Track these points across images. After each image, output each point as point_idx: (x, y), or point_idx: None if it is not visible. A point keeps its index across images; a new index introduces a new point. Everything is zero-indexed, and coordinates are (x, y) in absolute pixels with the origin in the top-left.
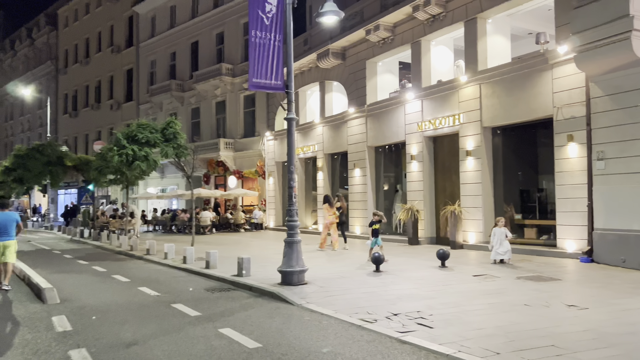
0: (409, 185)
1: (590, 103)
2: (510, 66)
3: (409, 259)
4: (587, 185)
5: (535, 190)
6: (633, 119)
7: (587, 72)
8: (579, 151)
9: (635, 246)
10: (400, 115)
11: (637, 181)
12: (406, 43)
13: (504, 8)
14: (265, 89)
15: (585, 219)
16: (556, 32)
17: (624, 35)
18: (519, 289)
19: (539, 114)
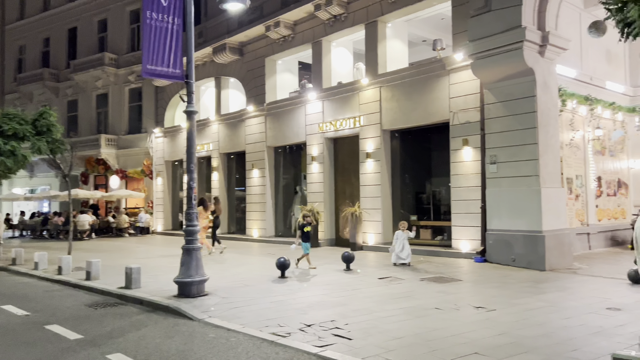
0: (309, 186)
1: (484, 109)
2: (410, 70)
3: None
4: (480, 187)
5: (432, 192)
6: (523, 125)
7: (482, 79)
8: (474, 155)
9: (524, 246)
10: (301, 116)
11: (526, 184)
12: (307, 42)
13: (403, 13)
14: (161, 78)
15: (478, 220)
16: (453, 39)
17: (516, 45)
18: (425, 291)
19: (436, 118)
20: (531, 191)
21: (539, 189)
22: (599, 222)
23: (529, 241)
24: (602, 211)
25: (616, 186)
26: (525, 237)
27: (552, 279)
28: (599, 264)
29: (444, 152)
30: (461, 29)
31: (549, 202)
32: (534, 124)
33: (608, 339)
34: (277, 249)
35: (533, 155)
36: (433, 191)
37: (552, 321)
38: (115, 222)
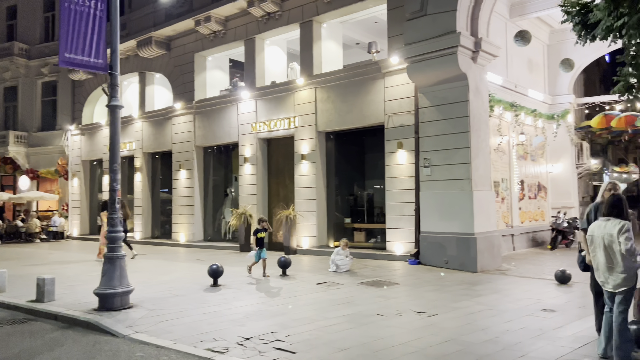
0: (242, 188)
1: (418, 112)
2: (345, 72)
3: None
4: (414, 190)
5: (367, 194)
6: (456, 129)
7: (417, 82)
8: (408, 158)
9: (457, 248)
10: (232, 115)
11: (458, 187)
12: (239, 39)
13: (338, 14)
14: (81, 68)
15: (412, 222)
16: (388, 42)
17: (451, 50)
18: (365, 296)
19: (372, 121)
20: (464, 194)
21: (471, 192)
22: (521, 224)
23: (461, 243)
24: (525, 213)
25: (536, 189)
26: (458, 240)
27: (485, 280)
28: (525, 264)
29: (379, 154)
30: (396, 32)
31: (480, 205)
32: (467, 128)
33: (552, 343)
34: (206, 254)
35: (466, 159)
36: (368, 194)
37: (494, 325)
38: (25, 227)
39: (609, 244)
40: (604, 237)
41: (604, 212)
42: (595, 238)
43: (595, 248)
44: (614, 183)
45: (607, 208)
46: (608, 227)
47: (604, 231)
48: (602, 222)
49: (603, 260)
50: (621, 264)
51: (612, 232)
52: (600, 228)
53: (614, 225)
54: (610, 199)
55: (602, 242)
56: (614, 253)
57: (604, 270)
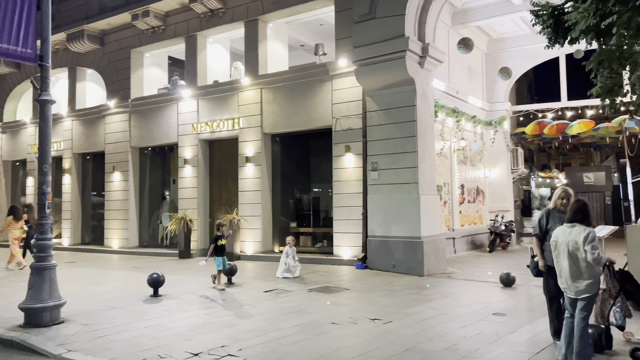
0: (181, 192)
1: (366, 116)
2: (292, 73)
3: (187, 276)
4: (362, 194)
5: (314, 198)
6: (403, 133)
7: (365, 86)
8: (356, 161)
9: (404, 252)
10: (172, 114)
11: (405, 191)
12: (180, 36)
13: (285, 14)
14: (7, 58)
15: (360, 226)
16: (336, 45)
17: (399, 54)
18: (316, 304)
19: (319, 124)
20: (411, 198)
21: (418, 196)
22: (462, 227)
23: (408, 247)
24: (464, 217)
25: (475, 193)
26: (405, 243)
27: (433, 284)
28: (468, 267)
29: (327, 158)
30: (344, 34)
31: (427, 209)
32: (414, 133)
33: (510, 348)
34: (143, 261)
35: (413, 163)
36: (315, 198)
37: (450, 331)
38: None
39: (573, 250)
40: (568, 243)
41: (568, 218)
42: (560, 244)
43: (560, 254)
44: (567, 191)
45: (572, 214)
46: (573, 234)
47: (568, 237)
48: (566, 228)
49: (567, 266)
50: (586, 271)
51: (577, 239)
52: (565, 234)
53: (579, 232)
54: (575, 205)
55: (567, 248)
56: (579, 260)
57: (567, 276)
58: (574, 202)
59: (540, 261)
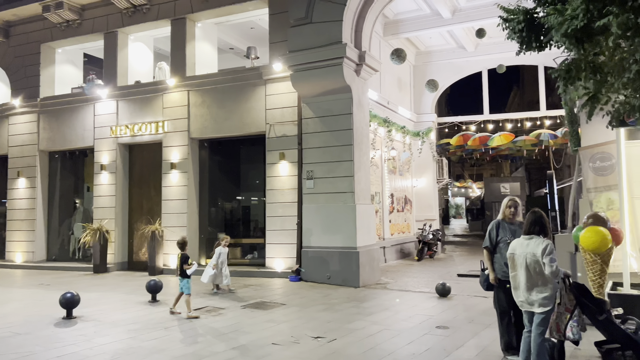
0: (97, 200)
1: (302, 123)
2: (223, 76)
3: (104, 293)
4: (297, 203)
5: (245, 208)
6: (340, 141)
7: (301, 92)
8: (290, 169)
9: (339, 262)
10: (88, 116)
11: (342, 200)
12: (98, 32)
13: (215, 14)
14: None
15: (294, 237)
16: (270, 48)
17: (336, 61)
18: (253, 322)
19: (252, 130)
20: (347, 207)
21: (354, 205)
22: (391, 236)
23: (344, 258)
24: (394, 226)
25: (403, 202)
26: (341, 254)
27: (371, 296)
28: (401, 277)
29: (260, 165)
30: (279, 38)
31: (362, 218)
32: (351, 141)
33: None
34: (52, 277)
35: (349, 172)
36: (246, 207)
37: (398, 348)
38: None
39: (531, 263)
40: (526, 256)
41: (525, 229)
42: (517, 257)
43: (517, 267)
44: (515, 200)
45: (528, 226)
46: (531, 246)
47: (526, 250)
48: (524, 241)
49: (524, 279)
50: (543, 284)
51: (535, 252)
52: (523, 246)
53: (537, 244)
54: (532, 217)
55: (524, 261)
56: (536, 273)
57: (524, 290)
58: (530, 214)
59: (491, 274)
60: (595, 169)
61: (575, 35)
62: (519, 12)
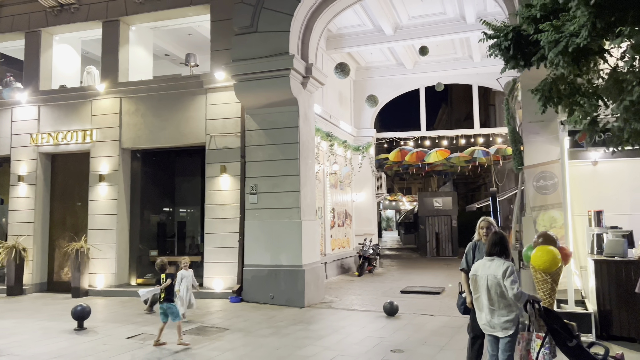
0: (12, 215)
1: (245, 135)
2: (160, 83)
3: (21, 320)
4: (239, 219)
5: (182, 223)
6: (285, 155)
7: (245, 103)
8: (232, 183)
9: (284, 282)
10: (4, 122)
11: (287, 216)
12: (19, 30)
13: (152, 18)
14: None
15: (236, 255)
16: (212, 56)
17: (283, 72)
18: (196, 352)
19: (191, 141)
20: (292, 223)
21: (300, 221)
22: (332, 252)
23: (289, 276)
24: (335, 241)
25: (344, 217)
26: (286, 273)
27: (317, 317)
28: (345, 295)
29: (198, 179)
30: (221, 46)
31: (308, 235)
32: (297, 155)
33: None
34: None
35: (295, 187)
36: (181, 222)
37: None
38: None
39: (492, 285)
40: (487, 277)
41: (487, 250)
42: (479, 279)
43: (479, 289)
44: (488, 220)
45: (489, 246)
46: (492, 268)
47: (487, 271)
48: (486, 262)
49: (486, 302)
50: (505, 307)
51: (496, 274)
52: (485, 268)
53: (498, 265)
54: (493, 237)
55: (486, 283)
56: (497, 295)
57: (487, 313)
58: (491, 234)
59: (467, 297)
60: (539, 188)
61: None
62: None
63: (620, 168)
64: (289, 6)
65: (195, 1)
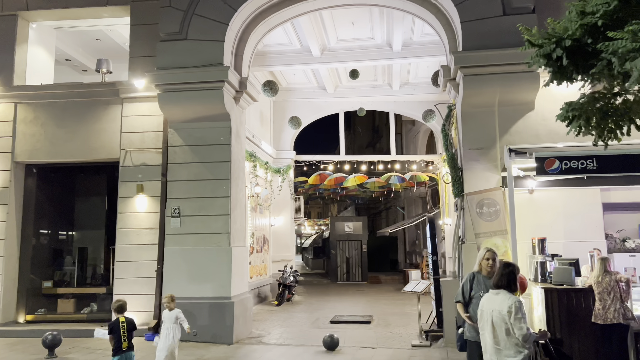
0: None
1: (168, 151)
2: (67, 89)
3: None
4: (158, 245)
5: (87, 250)
6: (215, 175)
7: (170, 116)
8: (151, 205)
9: (209, 316)
10: None
11: (215, 242)
12: None
13: (57, 16)
14: None
15: (153, 286)
16: (130, 63)
17: (217, 85)
18: None
19: (102, 155)
20: (221, 250)
21: (230, 248)
22: (250, 280)
23: (215, 310)
24: (253, 268)
25: (262, 242)
26: (212, 306)
27: (252, 355)
28: (271, 327)
29: (110, 199)
30: (142, 52)
31: (237, 263)
32: (228, 175)
33: None
34: None
35: (225, 210)
36: (84, 249)
37: None
38: None
39: (497, 321)
40: (492, 312)
41: (493, 282)
42: (484, 313)
43: (484, 325)
44: (492, 251)
45: (498, 277)
46: (497, 302)
47: (492, 306)
48: (491, 295)
49: (491, 341)
50: (511, 346)
51: (501, 309)
52: (490, 302)
53: (503, 300)
54: (501, 269)
55: (490, 318)
56: (502, 332)
57: (492, 353)
58: (502, 265)
59: (466, 332)
60: (482, 214)
61: None
62: (557, 36)
63: (554, 197)
64: (224, 15)
65: (112, 1)
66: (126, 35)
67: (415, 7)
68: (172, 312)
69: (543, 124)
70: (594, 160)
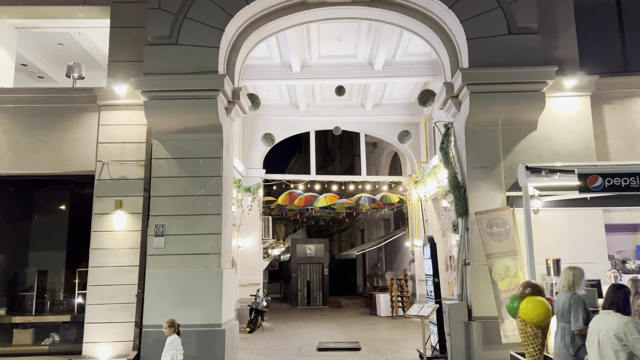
0: None
1: (151, 164)
2: (37, 94)
3: None
4: (138, 268)
5: (44, 272)
6: (205, 190)
7: (155, 125)
8: (130, 223)
9: (197, 345)
10: None
11: (203, 264)
12: None
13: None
14: None
15: (132, 313)
16: (109, 68)
17: (211, 93)
18: None
19: (74, 168)
20: (210, 273)
21: (221, 270)
22: None
23: (204, 339)
24: None
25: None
26: (200, 334)
27: None
28: (256, 356)
29: (84, 215)
30: (123, 57)
31: (227, 287)
32: (219, 191)
33: None
34: None
35: (215, 229)
36: (45, 272)
37: None
38: None
39: (603, 340)
40: (599, 332)
41: (604, 304)
42: (592, 333)
43: (590, 345)
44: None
45: (609, 299)
46: (605, 322)
47: (599, 326)
48: (602, 316)
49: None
50: None
51: (608, 329)
52: (598, 322)
53: (612, 320)
54: (612, 292)
55: (597, 338)
56: (610, 354)
57: None
58: (610, 286)
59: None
60: (492, 234)
61: None
62: None
63: (558, 217)
64: (219, 20)
65: (91, 1)
66: (95, 40)
67: (415, 23)
68: (168, 338)
69: (545, 144)
70: (637, 178)
